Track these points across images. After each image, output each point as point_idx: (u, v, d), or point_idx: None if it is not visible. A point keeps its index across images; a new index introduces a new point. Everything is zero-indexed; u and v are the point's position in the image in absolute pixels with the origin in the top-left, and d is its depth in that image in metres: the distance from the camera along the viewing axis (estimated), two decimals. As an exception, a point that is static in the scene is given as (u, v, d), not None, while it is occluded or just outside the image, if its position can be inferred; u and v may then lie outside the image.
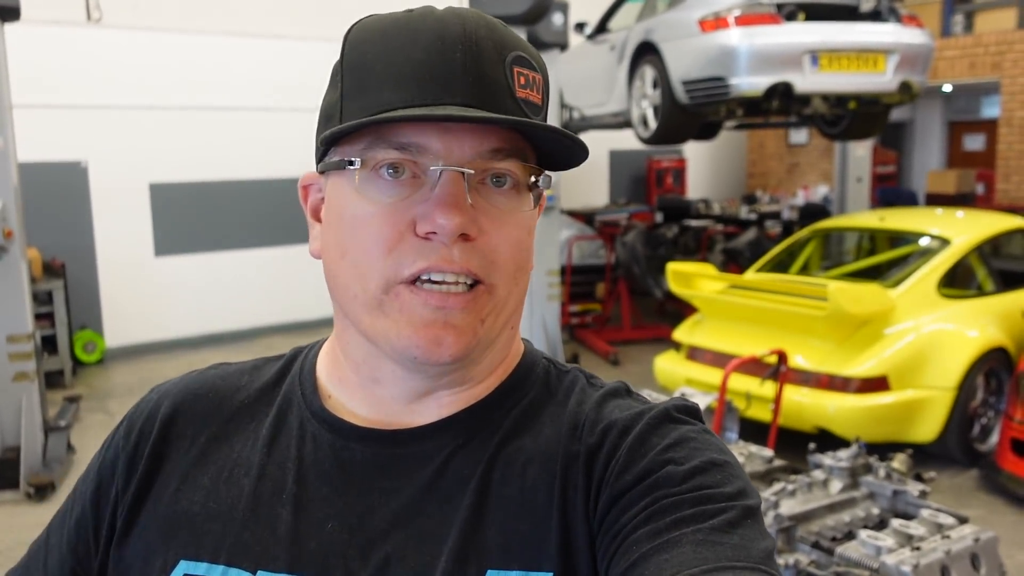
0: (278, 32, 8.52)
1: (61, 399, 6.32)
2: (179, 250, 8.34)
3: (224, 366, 0.87)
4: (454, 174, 0.67)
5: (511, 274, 0.72)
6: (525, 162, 0.71)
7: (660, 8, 6.99)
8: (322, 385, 0.80)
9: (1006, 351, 5.15)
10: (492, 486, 0.71)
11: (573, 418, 0.74)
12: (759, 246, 8.10)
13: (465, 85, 0.67)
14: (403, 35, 0.69)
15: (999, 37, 9.67)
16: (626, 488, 0.67)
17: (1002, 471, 4.63)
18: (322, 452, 0.75)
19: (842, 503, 2.94)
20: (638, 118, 6.94)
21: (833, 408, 4.76)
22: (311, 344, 0.86)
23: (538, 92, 0.72)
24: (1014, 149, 9.65)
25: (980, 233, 5.64)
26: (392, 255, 0.68)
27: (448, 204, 0.66)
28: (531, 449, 0.73)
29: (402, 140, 0.68)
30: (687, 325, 5.87)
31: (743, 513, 0.64)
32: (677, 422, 0.72)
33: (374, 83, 0.69)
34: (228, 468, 0.77)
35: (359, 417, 0.76)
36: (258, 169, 8.50)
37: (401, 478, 0.72)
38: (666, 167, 12.10)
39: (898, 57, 6.09)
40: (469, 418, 0.75)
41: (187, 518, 0.75)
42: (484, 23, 0.70)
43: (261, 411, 0.80)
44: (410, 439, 0.74)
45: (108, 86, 7.80)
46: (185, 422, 0.80)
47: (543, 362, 0.81)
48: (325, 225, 0.75)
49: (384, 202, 0.68)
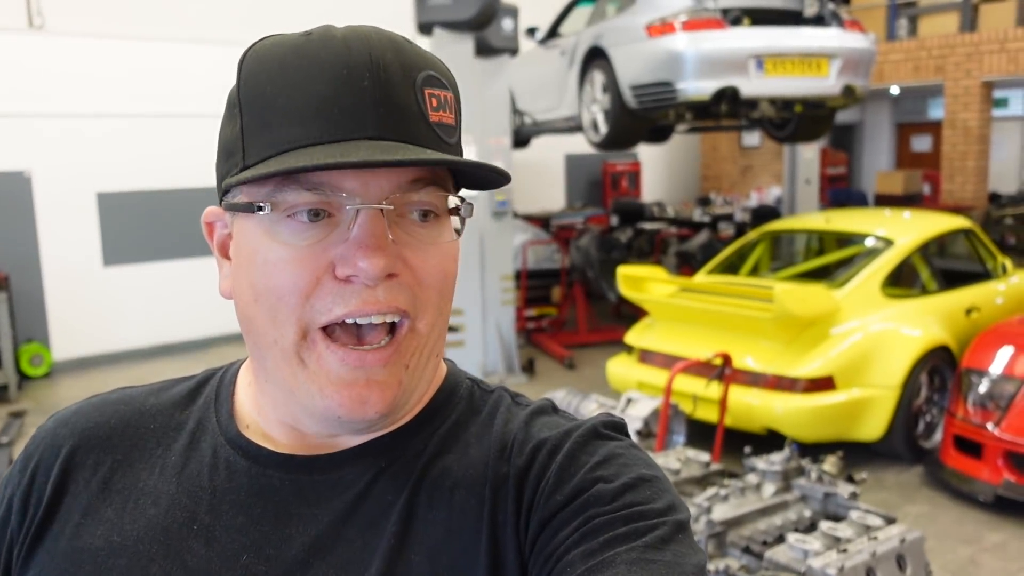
0: (226, 38, 8.41)
1: (6, 415, 6.18)
2: (128, 260, 8.20)
3: (128, 389, 0.83)
4: (373, 212, 0.64)
5: (437, 306, 0.69)
6: (445, 191, 0.69)
7: (609, 13, 7.04)
8: (239, 411, 0.76)
9: (949, 349, 5.26)
10: (418, 510, 0.69)
11: (500, 438, 0.73)
12: (711, 248, 8.18)
13: (376, 117, 0.64)
14: (305, 65, 0.65)
15: (942, 40, 9.88)
16: (557, 509, 0.66)
17: (945, 467, 4.72)
18: (237, 480, 0.72)
19: (774, 507, 2.97)
20: (589, 123, 6.98)
21: (781, 409, 4.81)
22: (224, 367, 0.82)
23: (451, 112, 0.69)
24: (957, 150, 9.86)
25: (923, 234, 5.75)
26: (309, 301, 0.65)
27: (369, 246, 0.64)
28: (457, 471, 0.71)
29: (314, 180, 0.64)
30: (638, 328, 5.90)
31: (674, 528, 0.64)
32: (605, 438, 0.72)
33: (277, 118, 0.65)
34: (133, 498, 0.73)
35: (277, 444, 0.73)
36: (208, 177, 8.25)
37: (321, 505, 0.70)
38: (621, 170, 12.18)
39: (841, 61, 6.19)
40: (392, 441, 0.72)
41: (89, 554, 0.70)
42: (390, 45, 0.67)
43: (169, 436, 0.77)
44: (330, 464, 0.71)
45: (52, 94, 7.65)
46: (86, 451, 0.76)
47: (466, 382, 0.80)
48: (235, 265, 0.70)
49: (299, 245, 0.65)
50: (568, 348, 7.85)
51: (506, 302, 7.11)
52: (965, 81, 9.70)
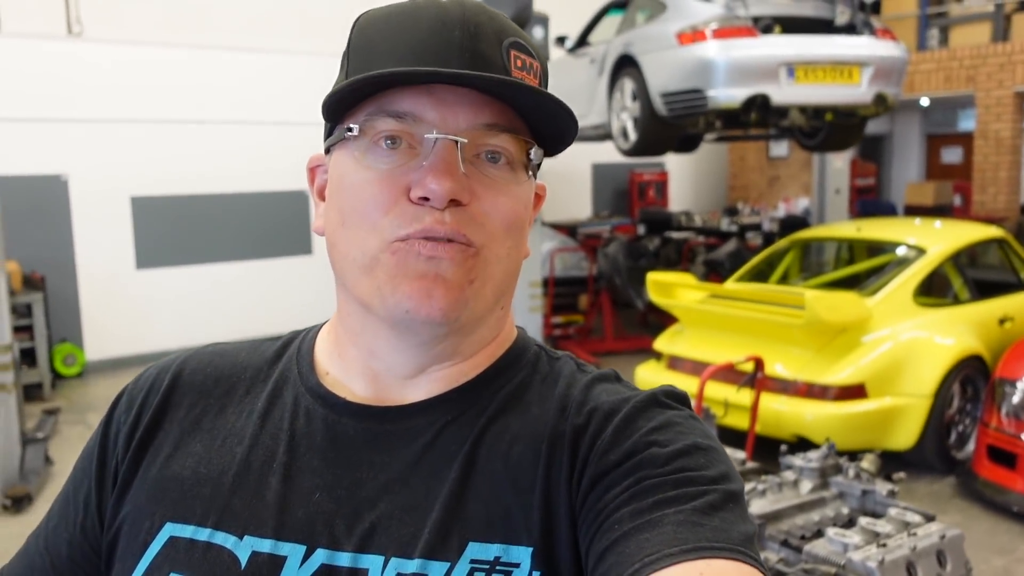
0: (261, 46, 8.54)
1: (40, 412, 6.28)
2: (160, 263, 8.31)
3: (221, 345, 0.89)
4: (448, 143, 0.69)
5: (501, 240, 0.73)
6: (521, 139, 0.73)
7: (639, 22, 7.06)
8: (319, 363, 0.82)
9: (982, 359, 5.20)
10: (478, 462, 0.72)
11: (561, 399, 0.76)
12: (739, 257, 8.16)
13: (461, 61, 0.69)
14: (406, 18, 0.72)
15: (973, 51, 9.81)
16: (610, 468, 0.68)
17: (978, 478, 4.67)
18: (314, 425, 0.77)
19: (812, 503, 2.97)
20: (618, 130, 7.00)
21: (811, 416, 4.79)
22: (309, 328, 0.88)
23: (535, 77, 0.74)
24: (989, 161, 9.77)
25: (955, 243, 5.71)
26: (387, 218, 0.70)
27: (440, 170, 0.69)
28: (517, 428, 0.74)
29: (398, 109, 0.70)
30: (667, 335, 5.89)
31: (725, 497, 0.65)
32: (663, 407, 0.74)
33: (375, 62, 0.71)
34: (221, 437, 0.78)
35: (353, 394, 0.78)
36: (240, 182, 8.49)
37: (391, 452, 0.74)
38: (648, 180, 12.17)
39: (872, 69, 6.17)
40: (459, 397, 0.76)
41: (177, 482, 0.76)
42: (484, 11, 0.73)
43: (257, 386, 0.82)
44: (401, 416, 0.76)
45: (90, 99, 7.79)
46: (182, 393, 0.82)
47: (535, 347, 0.83)
48: (328, 199, 0.77)
49: (381, 168, 0.71)
50: (595, 355, 7.85)
51: (534, 309, 7.13)
52: (997, 92, 9.61)
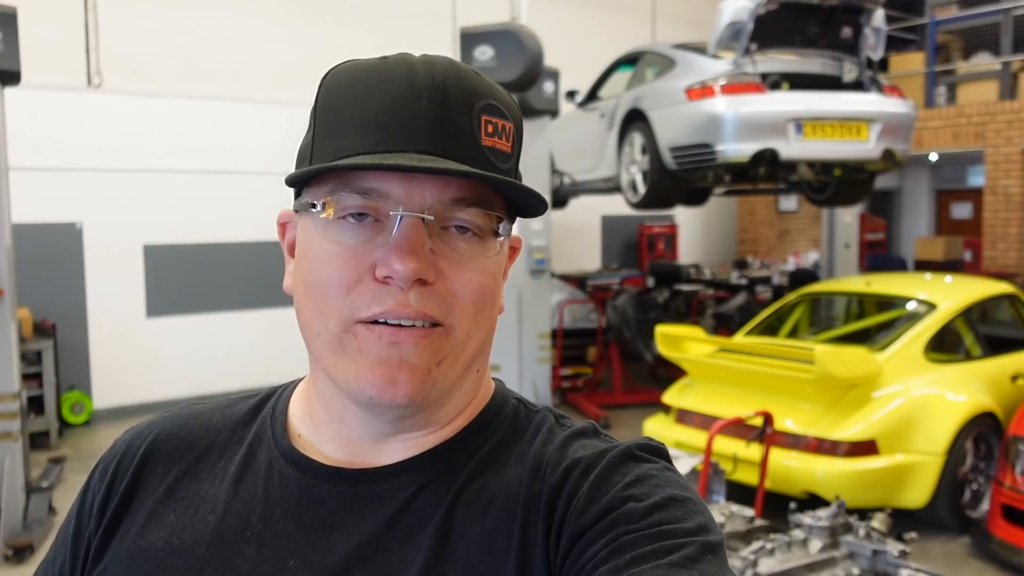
0: (273, 97, 8.67)
1: (46, 460, 6.25)
2: (171, 311, 8.34)
3: (198, 405, 0.88)
4: (413, 220, 0.68)
5: (471, 316, 0.72)
6: (488, 210, 0.72)
7: (649, 77, 7.15)
8: (292, 425, 0.81)
9: (995, 416, 5.14)
10: (454, 526, 0.71)
11: (537, 458, 0.74)
12: (749, 310, 8.14)
13: (428, 133, 0.68)
14: (373, 81, 0.70)
15: (981, 108, 9.88)
16: (587, 526, 0.67)
17: (993, 538, 4.58)
18: (288, 490, 0.76)
19: (822, 563, 2.91)
20: (627, 183, 7.05)
21: (822, 472, 4.72)
22: (287, 384, 0.87)
23: (507, 140, 0.72)
24: (999, 217, 9.77)
25: (966, 298, 5.68)
26: (350, 296, 0.70)
27: (404, 250, 0.67)
28: (493, 489, 0.73)
29: (364, 185, 0.69)
30: (676, 388, 5.86)
31: (703, 548, 0.64)
32: (639, 460, 0.72)
33: (341, 127, 0.70)
34: (195, 506, 0.77)
35: (327, 457, 0.77)
36: (251, 231, 8.56)
37: (364, 516, 0.73)
38: (657, 232, 12.21)
39: (881, 125, 6.21)
40: (434, 458, 0.75)
41: (150, 554, 0.75)
42: (454, 72, 0.71)
43: (231, 449, 0.81)
44: (376, 477, 0.75)
45: (105, 149, 7.90)
46: (156, 460, 0.81)
47: (513, 402, 0.81)
48: (296, 262, 0.77)
49: (346, 244, 0.70)
50: (603, 408, 7.80)
51: (542, 360, 7.11)
52: (1006, 148, 9.66)
